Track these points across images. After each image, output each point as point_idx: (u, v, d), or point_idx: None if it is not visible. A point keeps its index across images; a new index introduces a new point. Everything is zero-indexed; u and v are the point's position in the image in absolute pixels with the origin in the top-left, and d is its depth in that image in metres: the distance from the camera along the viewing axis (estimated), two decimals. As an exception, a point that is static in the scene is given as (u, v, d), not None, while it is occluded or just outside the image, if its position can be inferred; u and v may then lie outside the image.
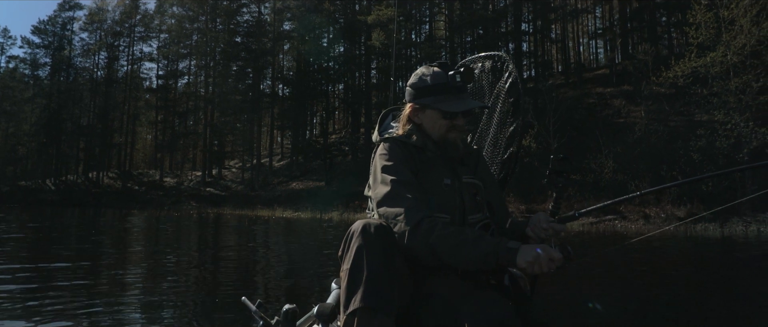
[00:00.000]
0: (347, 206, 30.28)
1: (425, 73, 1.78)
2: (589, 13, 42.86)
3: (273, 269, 7.99)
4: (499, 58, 2.14)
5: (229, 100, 46.79)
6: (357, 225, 1.50)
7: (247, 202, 36.50)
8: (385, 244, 1.44)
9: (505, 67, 2.10)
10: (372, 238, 1.43)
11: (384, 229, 1.47)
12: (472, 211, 1.70)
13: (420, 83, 1.78)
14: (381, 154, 1.73)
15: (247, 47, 46.98)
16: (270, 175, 44.98)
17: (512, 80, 2.06)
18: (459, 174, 1.73)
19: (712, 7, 19.53)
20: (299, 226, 20.79)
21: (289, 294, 5.66)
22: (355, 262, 1.43)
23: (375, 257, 1.41)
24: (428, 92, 1.74)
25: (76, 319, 4.26)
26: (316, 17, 40.44)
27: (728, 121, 19.02)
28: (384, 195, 1.62)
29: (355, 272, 1.42)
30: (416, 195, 1.59)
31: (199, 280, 6.74)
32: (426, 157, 1.74)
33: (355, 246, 1.45)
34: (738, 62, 18.97)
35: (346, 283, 1.43)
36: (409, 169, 1.67)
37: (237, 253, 10.61)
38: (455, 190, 1.69)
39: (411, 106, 1.79)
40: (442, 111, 1.73)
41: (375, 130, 1.93)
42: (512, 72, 2.07)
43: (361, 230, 1.46)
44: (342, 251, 1.52)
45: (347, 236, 1.51)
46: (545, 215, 1.63)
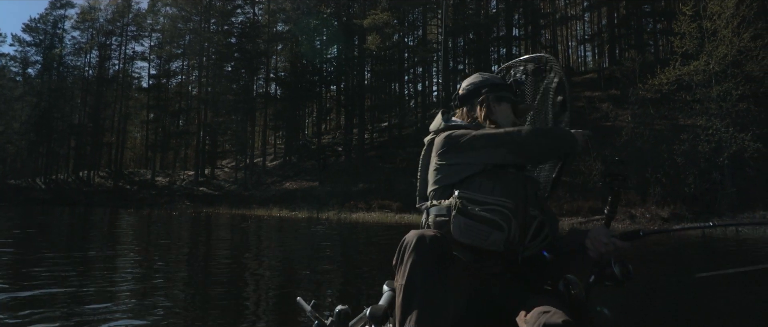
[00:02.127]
0: (343, 206, 30.85)
1: (486, 76, 2.00)
2: (578, 19, 43.98)
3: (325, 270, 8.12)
4: (543, 59, 2.18)
5: (223, 100, 47.12)
6: (411, 236, 1.48)
7: (242, 202, 36.89)
8: (440, 258, 1.43)
9: (550, 67, 2.12)
10: (426, 252, 1.42)
11: (439, 240, 1.46)
12: (533, 204, 1.71)
13: (495, 80, 1.95)
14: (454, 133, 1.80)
15: (241, 48, 47.36)
16: (263, 175, 45.40)
17: (558, 80, 2.07)
18: (521, 167, 1.79)
19: (696, 18, 20.50)
20: (300, 225, 21.35)
21: (340, 295, 5.83)
22: (409, 279, 1.41)
23: (430, 275, 1.40)
24: (503, 88, 1.93)
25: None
26: (311, 19, 40.94)
27: (710, 127, 20.00)
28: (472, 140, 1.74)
29: (410, 290, 1.41)
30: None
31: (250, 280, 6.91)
32: None
33: (409, 260, 1.43)
34: (719, 71, 19.96)
35: (401, 300, 1.42)
36: None
37: (280, 253, 10.85)
38: (519, 180, 1.71)
39: (491, 97, 1.90)
40: (514, 106, 1.90)
41: (437, 119, 1.95)
42: (558, 72, 2.08)
43: (415, 243, 1.45)
44: (396, 262, 1.51)
45: (401, 247, 1.50)
46: (605, 230, 1.55)
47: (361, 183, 35.96)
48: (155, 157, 54.59)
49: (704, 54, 20.14)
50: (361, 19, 37.50)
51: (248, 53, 46.44)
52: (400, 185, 33.09)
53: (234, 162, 50.02)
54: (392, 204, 29.71)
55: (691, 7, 20.82)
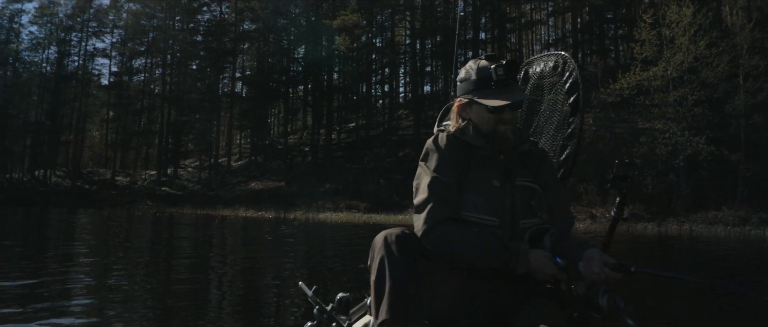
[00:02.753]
0: (310, 206, 30.73)
1: (471, 67, 1.73)
2: (543, 24, 45.01)
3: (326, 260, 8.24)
4: (561, 57, 2.09)
5: (187, 99, 46.33)
6: (379, 237, 1.51)
7: (207, 202, 36.31)
8: (406, 253, 1.45)
9: (567, 66, 2.03)
10: (393, 248, 1.45)
11: (405, 237, 1.49)
12: (524, 215, 1.60)
13: (466, 77, 1.72)
14: (429, 146, 1.69)
15: (207, 46, 46.67)
16: (228, 175, 44.82)
17: (572, 80, 1.99)
18: (512, 176, 1.63)
19: (655, 25, 21.28)
20: (269, 225, 21.20)
21: (340, 283, 5.91)
22: (378, 274, 1.45)
23: (397, 267, 1.43)
24: (473, 86, 1.68)
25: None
26: (279, 19, 40.69)
27: (667, 130, 20.78)
28: (417, 187, 1.64)
29: (379, 284, 1.44)
30: (447, 195, 1.57)
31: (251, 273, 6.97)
32: (479, 155, 1.66)
33: (377, 257, 1.47)
34: (677, 77, 20.77)
35: (373, 295, 1.46)
36: (456, 166, 1.62)
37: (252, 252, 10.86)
38: (505, 192, 1.60)
39: (459, 101, 1.73)
40: (489, 106, 1.66)
41: (435, 125, 1.87)
42: (573, 71, 2.00)
43: (382, 242, 1.48)
44: (369, 263, 1.53)
45: (371, 248, 1.53)
46: (600, 254, 1.46)
47: (328, 183, 35.89)
48: (115, 157, 53.16)
49: (663, 60, 20.93)
50: (331, 20, 37.47)
51: (214, 52, 45.81)
52: (368, 186, 33.19)
53: (198, 161, 49.18)
54: (359, 204, 29.76)
55: (651, 15, 21.64)
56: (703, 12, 20.48)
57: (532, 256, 1.48)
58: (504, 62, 1.66)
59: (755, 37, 20.92)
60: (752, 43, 20.84)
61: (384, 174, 35.17)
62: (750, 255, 11.15)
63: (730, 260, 10.10)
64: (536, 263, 1.47)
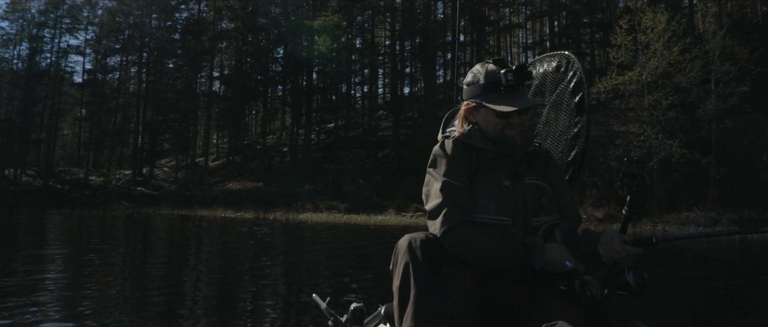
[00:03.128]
0: (289, 207, 30.63)
1: (479, 71, 1.72)
2: (521, 28, 45.68)
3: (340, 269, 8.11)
4: (564, 57, 2.08)
5: (164, 98, 45.73)
6: (403, 241, 1.50)
7: (184, 203, 35.88)
8: (431, 258, 1.44)
9: (570, 66, 2.03)
10: (417, 253, 1.43)
11: (429, 242, 1.47)
12: (536, 213, 1.62)
13: (474, 81, 1.71)
14: (437, 152, 1.70)
15: (185, 44, 46.13)
16: (205, 175, 44.39)
17: (577, 79, 1.98)
18: (521, 175, 1.65)
19: (631, 31, 21.84)
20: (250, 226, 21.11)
21: (354, 292, 5.80)
22: (403, 280, 1.43)
23: (422, 273, 1.41)
24: (481, 91, 1.68)
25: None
26: (259, 18, 40.48)
27: (641, 133, 21.34)
28: (428, 193, 1.65)
29: (404, 290, 1.42)
30: (459, 198, 1.57)
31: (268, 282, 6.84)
32: (486, 157, 1.67)
33: (402, 263, 1.45)
34: (651, 81, 21.35)
35: (396, 301, 1.45)
36: (464, 171, 1.63)
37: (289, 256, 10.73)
38: (516, 191, 1.62)
39: (466, 105, 1.73)
40: (494, 110, 1.66)
41: (439, 131, 1.88)
42: (577, 71, 1.99)
43: (406, 246, 1.46)
44: (392, 266, 1.53)
45: (395, 252, 1.52)
46: (618, 234, 1.50)
47: (307, 184, 35.82)
48: (89, 156, 52.10)
49: (638, 65, 21.49)
50: (311, 20, 37.43)
51: (192, 50, 45.28)
52: (347, 186, 33.23)
53: (174, 161, 48.55)
54: (339, 205, 29.78)
55: (627, 21, 22.19)
56: (676, 19, 21.13)
57: (547, 249, 1.48)
58: (513, 67, 1.67)
59: (726, 44, 21.60)
60: (723, 50, 21.52)
61: (363, 175, 35.26)
62: (721, 255, 11.58)
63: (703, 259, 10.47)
64: (552, 256, 1.47)
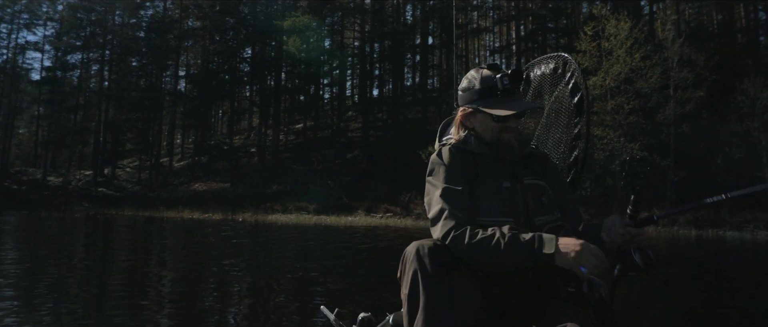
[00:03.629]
0: (258, 207, 30.37)
1: (474, 77, 1.73)
2: (489, 31, 46.46)
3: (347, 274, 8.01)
4: (561, 59, 2.09)
5: (128, 97, 44.70)
6: (411, 248, 1.49)
7: (148, 204, 35.17)
8: (440, 266, 1.43)
9: (568, 67, 2.04)
10: (426, 261, 1.43)
11: (437, 248, 1.47)
12: (537, 213, 1.63)
13: (469, 86, 1.73)
14: (434, 160, 1.70)
15: (150, 42, 45.19)
16: (170, 176, 43.59)
17: (575, 80, 2.00)
18: (520, 176, 1.67)
19: (595, 37, 22.53)
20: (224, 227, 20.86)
21: (363, 301, 5.76)
22: (412, 287, 1.43)
23: (431, 280, 1.41)
24: (477, 96, 1.69)
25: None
26: (228, 17, 40.02)
27: (605, 137, 22.04)
28: (429, 202, 1.63)
29: (413, 297, 1.42)
30: (460, 202, 1.57)
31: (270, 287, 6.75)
32: (484, 162, 1.68)
33: (410, 270, 1.44)
34: (614, 87, 22.06)
35: (406, 308, 1.45)
36: (463, 176, 1.64)
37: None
38: (516, 192, 1.63)
39: (462, 111, 1.74)
40: (491, 114, 1.67)
41: (436, 140, 1.87)
42: (575, 72, 2.00)
43: (414, 253, 1.46)
44: (400, 274, 1.52)
45: (402, 259, 1.51)
46: (620, 218, 1.51)
47: (275, 185, 35.59)
48: (47, 156, 50.41)
49: (602, 71, 22.20)
50: (281, 21, 37.21)
51: (157, 49, 44.39)
52: (316, 187, 33.16)
53: (137, 161, 47.48)
54: (309, 206, 29.72)
55: (591, 27, 22.88)
56: (638, 27, 21.92)
57: (562, 244, 1.41)
58: (509, 72, 1.68)
59: (684, 52, 22.49)
60: (681, 57, 22.41)
61: (332, 175, 35.25)
62: (680, 252, 12.13)
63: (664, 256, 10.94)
64: (564, 243, 1.41)
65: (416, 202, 26.37)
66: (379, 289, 6.20)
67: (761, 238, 16.68)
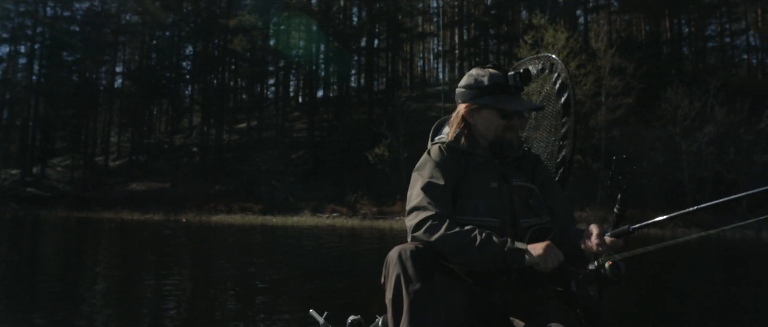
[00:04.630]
0: (201, 208, 29.83)
1: (481, 74, 1.72)
2: (434, 36, 47.59)
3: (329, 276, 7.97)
4: (548, 60, 2.09)
5: (60, 93, 42.68)
6: (393, 253, 1.48)
7: (83, 204, 33.77)
8: (422, 269, 1.43)
9: (554, 68, 2.05)
10: (408, 264, 1.43)
11: (419, 252, 1.45)
12: (524, 214, 1.63)
13: (476, 83, 1.71)
14: (424, 158, 1.71)
15: (85, 37, 43.33)
16: (105, 175, 41.97)
17: (561, 81, 2.00)
18: (508, 177, 1.67)
19: (535, 46, 23.66)
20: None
21: (351, 303, 5.71)
22: (395, 292, 1.43)
23: (413, 284, 1.40)
24: (486, 92, 1.69)
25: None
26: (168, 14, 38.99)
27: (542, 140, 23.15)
28: (410, 194, 1.64)
29: (397, 302, 1.42)
30: (440, 196, 1.58)
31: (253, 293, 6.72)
32: (475, 161, 1.69)
33: (393, 275, 1.44)
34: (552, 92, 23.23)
35: (390, 313, 1.44)
36: (450, 174, 1.64)
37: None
38: (503, 193, 1.63)
39: (467, 107, 1.72)
40: (500, 111, 1.68)
41: (429, 140, 1.84)
42: (561, 73, 2.02)
43: (397, 258, 1.45)
44: (383, 279, 1.51)
45: (385, 265, 1.50)
46: (597, 227, 1.50)
47: (217, 185, 35.02)
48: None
49: (540, 78, 23.29)
50: (226, 19, 36.69)
51: (93, 43, 42.62)
52: (261, 187, 32.89)
53: (69, 160, 45.40)
54: (254, 206, 29.48)
55: (531, 36, 24.03)
56: (574, 37, 23.20)
57: (530, 246, 1.43)
58: (520, 72, 1.71)
59: (615, 62, 23.99)
60: (613, 66, 23.91)
61: (277, 176, 35.04)
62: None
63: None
64: (535, 252, 1.41)
65: (362, 202, 26.74)
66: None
67: (680, 235, 18.13)
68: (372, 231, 20.38)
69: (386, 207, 25.82)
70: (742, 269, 10.20)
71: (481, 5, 41.34)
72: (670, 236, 17.09)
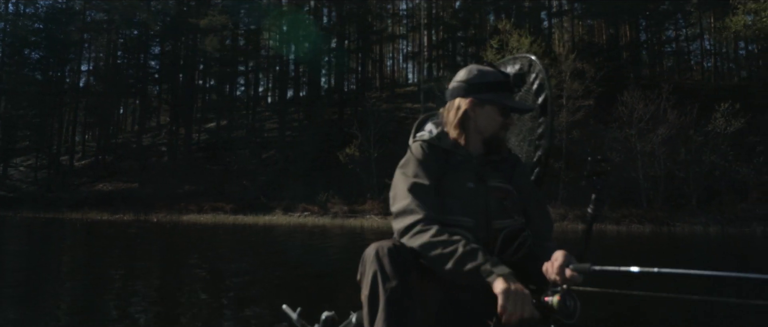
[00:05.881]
0: (171, 208, 29.82)
1: (484, 71, 1.73)
2: (404, 38, 48.37)
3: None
4: (527, 60, 2.09)
5: (23, 91, 41.81)
6: (370, 250, 1.48)
7: (48, 205, 33.30)
8: (399, 266, 1.42)
9: (533, 68, 2.04)
10: (385, 262, 1.42)
11: (396, 250, 1.45)
12: (498, 216, 1.62)
13: (480, 78, 1.71)
14: (406, 157, 1.70)
15: (50, 34, 42.52)
16: (70, 175, 41.33)
17: (539, 81, 2.01)
18: (486, 178, 1.66)
19: (500, 50, 24.57)
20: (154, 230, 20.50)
21: (323, 299, 5.73)
22: (371, 289, 1.42)
23: (390, 282, 1.40)
24: (491, 88, 1.70)
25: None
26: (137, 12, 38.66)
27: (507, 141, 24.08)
28: (395, 195, 1.62)
29: (373, 299, 1.41)
30: (426, 199, 1.56)
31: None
32: (455, 160, 1.68)
33: (370, 272, 1.43)
34: (516, 95, 24.18)
35: (366, 310, 1.43)
36: (433, 172, 1.63)
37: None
38: (479, 193, 1.63)
39: (470, 101, 1.70)
40: (501, 108, 1.69)
41: (411, 135, 1.82)
42: (539, 73, 2.01)
43: (374, 255, 1.45)
44: (360, 276, 1.50)
45: (362, 261, 1.50)
46: (563, 256, 1.41)
47: (187, 185, 34.95)
48: None
49: (506, 81, 24.24)
50: (197, 19, 36.59)
51: (58, 41, 41.88)
52: (232, 187, 33.03)
53: (33, 160, 44.50)
54: (225, 206, 29.62)
55: (497, 41, 24.94)
56: (538, 42, 24.19)
57: (511, 283, 1.33)
58: (517, 73, 1.75)
59: (576, 66, 25.08)
60: (574, 70, 24.99)
61: (248, 175, 35.19)
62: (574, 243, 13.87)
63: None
64: (514, 290, 1.32)
65: (333, 201, 27.21)
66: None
67: (634, 231, 19.34)
68: (343, 229, 20.93)
69: (357, 206, 26.37)
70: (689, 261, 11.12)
71: (449, 8, 42.35)
72: (625, 233, 18.19)
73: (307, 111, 40.85)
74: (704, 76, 39.15)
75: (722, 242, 15.54)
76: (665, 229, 19.55)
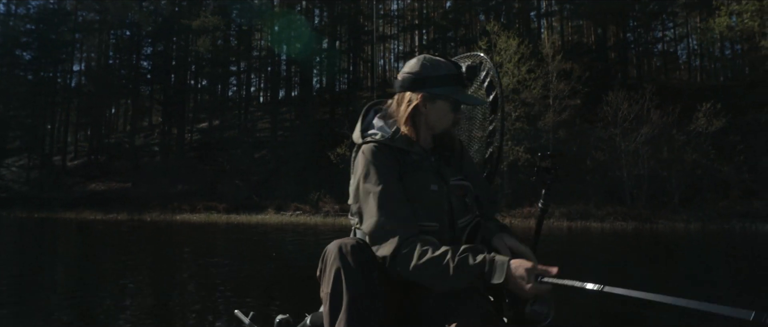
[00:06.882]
0: (165, 207, 30.04)
1: (436, 62, 1.61)
2: (395, 39, 48.77)
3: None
4: (477, 57, 2.02)
5: (15, 92, 41.87)
6: (332, 246, 1.42)
7: (42, 204, 33.41)
8: (363, 264, 1.38)
9: (483, 65, 1.97)
10: (349, 259, 1.38)
11: (360, 247, 1.42)
12: (461, 214, 1.58)
13: (432, 71, 1.59)
14: (365, 159, 1.55)
15: (41, 35, 42.58)
16: (63, 175, 41.43)
17: (490, 79, 1.95)
18: (446, 177, 1.60)
19: (489, 51, 24.99)
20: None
21: (279, 302, 5.68)
22: (334, 286, 1.37)
23: (354, 280, 1.36)
24: (443, 81, 1.58)
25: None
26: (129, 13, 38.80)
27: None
28: (364, 210, 1.50)
29: (335, 297, 1.36)
30: (400, 213, 1.46)
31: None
32: (411, 160, 1.58)
33: (332, 269, 1.39)
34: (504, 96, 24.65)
35: (327, 308, 1.39)
36: (395, 177, 1.52)
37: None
38: (443, 195, 1.56)
39: (420, 96, 1.58)
40: (454, 103, 1.60)
41: (356, 128, 1.68)
42: (490, 71, 1.94)
43: (337, 252, 1.40)
44: (319, 273, 1.46)
45: (323, 258, 1.45)
46: (525, 267, 1.31)
47: (180, 184, 35.17)
48: None
49: (494, 82, 24.71)
50: (189, 19, 36.80)
51: (51, 42, 41.94)
52: (225, 187, 33.29)
53: (25, 160, 44.54)
54: (218, 205, 29.89)
55: (485, 42, 25.40)
56: (525, 43, 24.66)
57: (510, 265, 1.32)
58: (469, 65, 1.68)
59: (562, 67, 25.55)
60: (560, 71, 25.46)
61: (240, 175, 35.43)
62: (559, 240, 14.36)
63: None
64: (516, 266, 1.32)
65: (324, 200, 27.56)
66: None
67: (618, 228, 19.84)
68: (334, 227, 21.31)
69: (348, 204, 26.67)
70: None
71: (439, 9, 42.79)
72: (609, 230, 18.64)
73: (299, 111, 41.10)
74: (691, 75, 39.76)
75: (702, 239, 15.94)
76: (648, 226, 20.06)
